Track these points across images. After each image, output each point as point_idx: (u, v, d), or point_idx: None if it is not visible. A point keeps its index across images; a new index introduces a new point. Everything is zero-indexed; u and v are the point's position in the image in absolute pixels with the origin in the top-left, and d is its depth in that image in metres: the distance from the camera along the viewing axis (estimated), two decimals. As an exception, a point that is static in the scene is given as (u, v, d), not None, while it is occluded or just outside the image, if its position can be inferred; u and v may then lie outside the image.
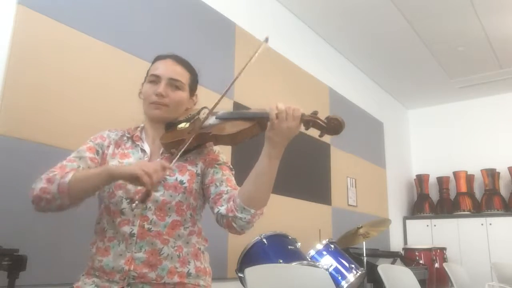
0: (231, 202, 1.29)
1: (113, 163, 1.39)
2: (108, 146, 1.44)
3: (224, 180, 1.39)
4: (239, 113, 1.42)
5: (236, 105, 2.99)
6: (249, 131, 1.31)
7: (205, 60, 2.87)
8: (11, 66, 1.91)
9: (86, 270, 1.36)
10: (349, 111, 4.66)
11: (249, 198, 1.27)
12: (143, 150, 1.43)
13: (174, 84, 1.44)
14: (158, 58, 1.51)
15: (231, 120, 1.38)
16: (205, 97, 1.65)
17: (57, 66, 2.09)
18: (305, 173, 3.74)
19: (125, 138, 1.47)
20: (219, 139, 1.37)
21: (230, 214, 1.28)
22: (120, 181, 1.30)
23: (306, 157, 3.75)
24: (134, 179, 1.17)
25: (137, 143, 1.45)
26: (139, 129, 1.50)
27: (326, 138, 4.06)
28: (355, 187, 4.54)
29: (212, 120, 1.40)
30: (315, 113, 1.27)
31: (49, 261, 1.90)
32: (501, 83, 5.34)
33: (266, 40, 1.44)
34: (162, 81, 1.43)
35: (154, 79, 1.44)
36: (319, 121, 1.25)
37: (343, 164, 4.34)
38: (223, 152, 1.52)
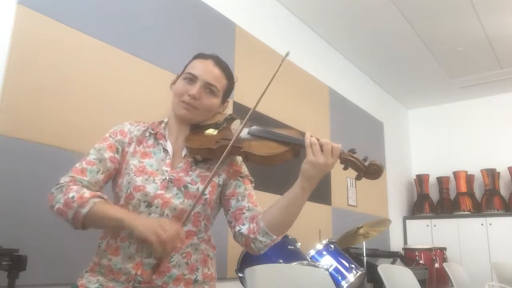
0: (254, 224, 1.29)
1: (133, 162, 1.34)
2: (130, 143, 1.39)
3: (246, 195, 1.37)
4: (274, 133, 1.35)
5: (236, 105, 2.98)
6: (282, 156, 1.29)
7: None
8: (11, 66, 1.91)
9: (90, 266, 1.33)
10: (349, 111, 4.66)
11: (274, 225, 1.27)
12: (165, 150, 1.38)
13: (209, 88, 1.39)
14: (199, 56, 1.45)
15: (264, 139, 1.33)
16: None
17: (57, 66, 2.08)
18: (305, 173, 3.73)
19: (147, 134, 1.42)
20: (250, 157, 1.32)
21: (252, 236, 1.28)
22: (139, 184, 1.29)
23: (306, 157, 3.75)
24: (145, 239, 1.14)
25: (160, 141, 1.40)
26: (162, 125, 1.44)
27: (326, 138, 4.05)
28: (355, 187, 4.54)
29: (244, 133, 1.34)
30: (353, 151, 1.27)
31: (49, 261, 1.90)
32: (501, 83, 5.34)
33: (287, 54, 1.43)
34: (198, 83, 1.38)
35: (190, 78, 1.39)
36: (358, 163, 1.25)
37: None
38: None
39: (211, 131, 1.38)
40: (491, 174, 5.35)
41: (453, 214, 5.40)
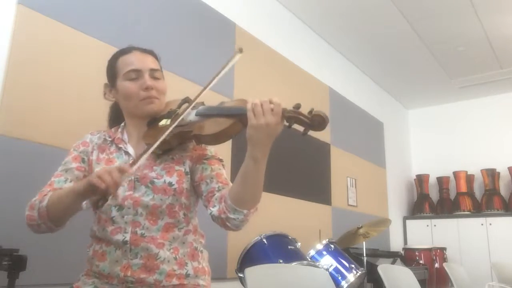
0: (223, 203, 1.25)
1: (98, 169, 1.32)
2: (92, 152, 1.40)
3: (214, 176, 1.34)
4: (219, 108, 1.31)
5: (236, 105, 2.98)
6: (231, 129, 1.23)
7: (205, 60, 2.86)
8: (11, 66, 1.91)
9: (85, 271, 1.36)
10: (349, 111, 4.66)
11: (239, 200, 1.22)
12: (127, 153, 1.38)
13: (154, 74, 1.39)
14: (122, 53, 1.43)
15: (211, 116, 1.28)
16: (206, 97, 1.64)
17: (57, 66, 2.09)
18: (305, 173, 3.74)
19: (108, 142, 1.42)
20: (201, 139, 1.30)
21: (223, 216, 1.24)
22: None
23: (306, 157, 3.75)
24: (91, 187, 1.11)
25: (120, 146, 1.39)
26: (119, 130, 1.43)
27: (326, 138, 4.06)
28: (355, 187, 4.54)
29: (192, 116, 1.31)
30: (297, 106, 1.16)
31: (49, 261, 1.90)
32: (501, 83, 5.34)
33: (240, 51, 1.39)
34: (145, 74, 1.37)
35: (134, 76, 1.37)
36: (302, 117, 1.14)
37: (343, 164, 4.33)
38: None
39: (164, 122, 1.35)
40: (491, 174, 5.35)
41: (453, 214, 5.40)
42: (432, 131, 6.06)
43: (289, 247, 2.50)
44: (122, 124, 1.46)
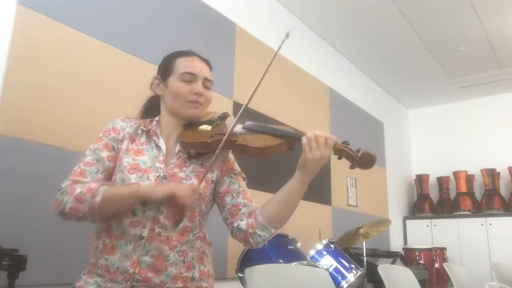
0: (252, 219, 1.31)
1: (126, 160, 1.34)
2: (122, 140, 1.39)
3: (241, 192, 1.39)
4: (268, 127, 1.37)
5: (236, 105, 2.99)
6: (277, 148, 1.31)
7: (205, 60, 2.86)
8: (11, 66, 1.91)
9: (87, 269, 1.33)
10: (349, 111, 4.67)
11: (273, 219, 1.29)
12: (158, 147, 1.38)
13: (206, 83, 1.43)
14: (182, 54, 1.47)
15: (258, 133, 1.35)
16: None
17: (57, 66, 2.09)
18: (305, 173, 3.73)
19: (139, 131, 1.42)
20: (245, 150, 1.33)
21: (250, 231, 1.30)
22: (133, 181, 1.29)
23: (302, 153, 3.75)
24: (171, 199, 1.19)
25: (152, 138, 1.40)
26: (154, 122, 1.44)
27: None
28: (355, 187, 4.54)
29: (238, 128, 1.36)
30: (346, 143, 1.29)
31: (49, 261, 1.90)
32: (501, 83, 5.34)
33: (287, 35, 1.47)
34: (199, 80, 1.41)
35: (189, 78, 1.40)
36: (351, 153, 1.28)
37: (343, 164, 4.31)
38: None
39: (205, 127, 1.39)
40: (491, 174, 5.35)
41: (453, 214, 5.40)
42: (432, 131, 6.06)
43: (289, 247, 2.50)
44: (157, 118, 1.46)
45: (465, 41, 4.39)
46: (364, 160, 1.27)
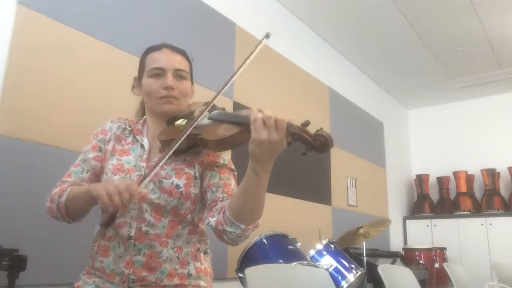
0: (221, 214, 1.21)
1: (111, 162, 1.35)
2: (109, 141, 1.40)
3: (220, 185, 1.31)
4: (231, 115, 1.26)
5: (236, 105, 2.98)
6: (237, 137, 1.17)
7: (205, 59, 2.86)
8: (11, 66, 1.91)
9: (86, 270, 1.35)
10: (349, 111, 4.66)
11: (238, 214, 1.17)
12: (142, 146, 1.38)
13: (179, 74, 1.37)
14: (152, 49, 1.42)
15: (223, 122, 1.23)
16: (205, 97, 1.64)
17: (57, 66, 2.09)
18: (305, 173, 3.74)
19: (126, 131, 1.42)
20: (206, 144, 1.23)
21: (220, 227, 1.20)
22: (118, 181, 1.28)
23: (306, 157, 3.73)
24: (99, 200, 1.09)
25: (137, 137, 1.40)
26: (141, 122, 1.44)
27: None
28: (355, 187, 4.54)
29: (205, 120, 1.28)
30: (305, 124, 1.07)
31: (49, 261, 1.90)
32: (501, 83, 5.34)
33: (267, 36, 1.36)
34: (168, 73, 1.35)
35: (158, 73, 1.35)
36: (306, 135, 1.06)
37: (343, 164, 4.33)
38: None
39: (180, 122, 1.34)
40: (491, 174, 5.35)
41: (453, 214, 5.40)
42: (432, 131, 6.06)
43: (289, 247, 2.50)
44: (144, 117, 1.46)
45: (465, 41, 4.39)
46: (317, 142, 1.05)
